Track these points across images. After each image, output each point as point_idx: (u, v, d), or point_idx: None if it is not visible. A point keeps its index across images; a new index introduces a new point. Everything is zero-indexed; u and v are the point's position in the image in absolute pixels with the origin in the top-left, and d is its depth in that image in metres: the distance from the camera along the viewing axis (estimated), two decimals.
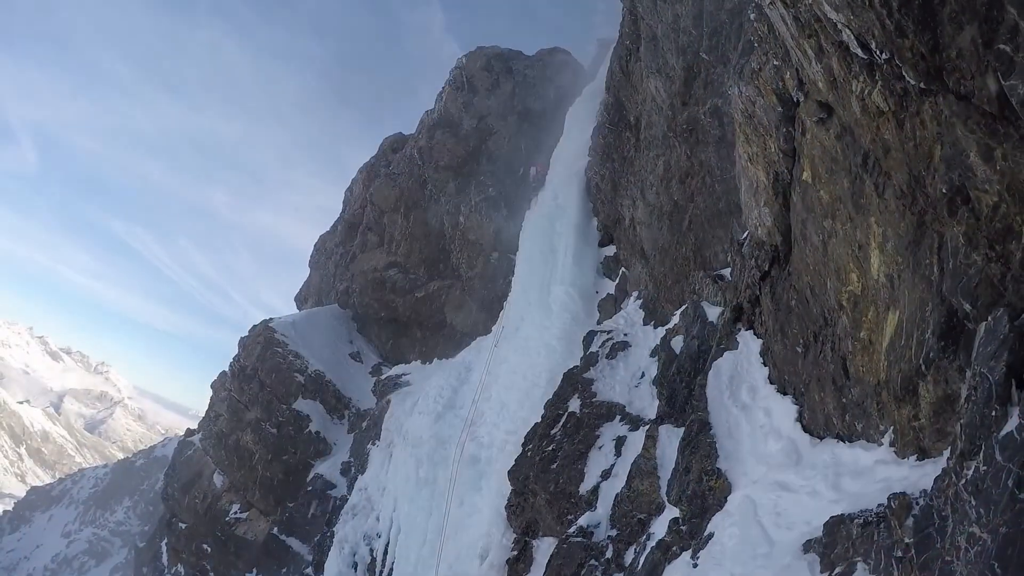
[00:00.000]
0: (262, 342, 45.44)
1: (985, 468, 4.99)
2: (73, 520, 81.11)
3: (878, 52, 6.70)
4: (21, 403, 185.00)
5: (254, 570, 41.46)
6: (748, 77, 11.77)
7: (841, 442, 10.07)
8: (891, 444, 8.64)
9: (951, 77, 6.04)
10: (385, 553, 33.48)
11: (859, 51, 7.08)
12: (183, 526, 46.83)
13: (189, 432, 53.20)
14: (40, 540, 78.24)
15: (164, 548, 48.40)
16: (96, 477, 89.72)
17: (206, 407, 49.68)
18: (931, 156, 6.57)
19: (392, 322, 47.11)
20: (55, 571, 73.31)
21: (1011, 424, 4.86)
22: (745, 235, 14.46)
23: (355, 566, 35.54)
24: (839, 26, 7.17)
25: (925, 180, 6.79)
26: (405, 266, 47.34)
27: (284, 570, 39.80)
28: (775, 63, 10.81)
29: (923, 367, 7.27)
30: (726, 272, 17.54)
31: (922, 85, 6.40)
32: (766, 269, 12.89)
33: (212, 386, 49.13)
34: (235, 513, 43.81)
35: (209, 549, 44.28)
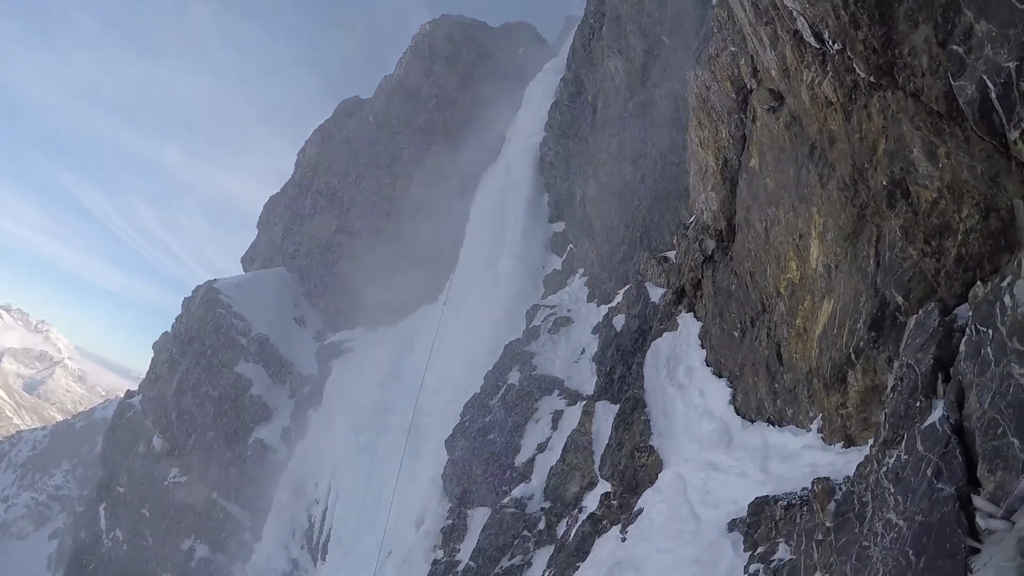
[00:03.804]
0: (206, 303, 44.61)
1: (906, 457, 5.12)
2: (11, 484, 78.97)
3: (831, 42, 6.75)
4: None
5: (192, 535, 41.01)
6: (705, 62, 11.81)
7: (771, 426, 10.28)
8: (819, 431, 8.85)
9: (901, 73, 6.10)
10: (323, 519, 33.43)
11: (812, 40, 7.13)
12: (122, 490, 46.02)
13: (129, 394, 52.06)
14: None
15: (102, 512, 47.49)
16: (34, 440, 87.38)
17: (147, 368, 48.72)
18: (875, 149, 6.66)
19: (338, 287, 46.63)
20: None
21: (934, 416, 4.97)
22: (691, 219, 14.59)
23: (294, 532, 35.43)
24: (795, 14, 7.21)
25: (867, 172, 6.89)
26: (353, 231, 46.81)
27: (223, 535, 39.45)
28: (732, 49, 10.86)
29: (853, 356, 7.43)
30: (671, 254, 17.72)
31: (872, 79, 6.47)
32: (709, 253, 13.03)
33: (154, 347, 48.14)
34: (174, 477, 43.14)
35: (148, 514, 43.63)
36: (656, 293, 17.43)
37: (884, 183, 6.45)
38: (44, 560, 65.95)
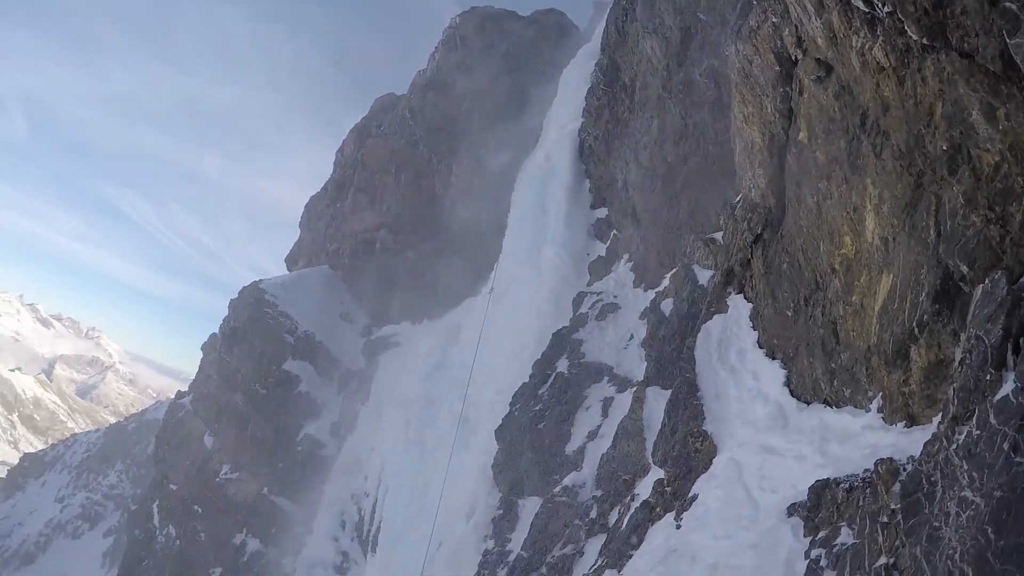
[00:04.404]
0: (252, 303, 45.20)
1: (979, 432, 4.88)
2: (66, 485, 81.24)
3: (880, 5, 6.48)
4: (12, 371, 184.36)
5: (244, 530, 41.70)
6: (746, 36, 11.50)
7: (828, 407, 10.00)
8: (879, 410, 8.57)
9: (954, 34, 5.84)
10: (373, 512, 33.74)
11: (860, 4, 6.86)
12: (174, 488, 46.98)
13: (180, 394, 53.10)
14: (34, 506, 78.47)
15: (155, 510, 48.56)
16: (88, 442, 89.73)
17: (197, 370, 49.60)
18: (932, 114, 6.39)
19: (382, 283, 46.90)
20: (49, 536, 73.58)
21: (1007, 388, 4.74)
22: (738, 198, 14.27)
23: (343, 525, 35.84)
24: None
25: (924, 138, 6.61)
26: (395, 226, 47.03)
27: (273, 530, 40.06)
28: (774, 20, 10.55)
29: (916, 330, 7.15)
30: (718, 235, 17.39)
31: (924, 41, 6.20)
32: (759, 232, 12.72)
33: (202, 348, 48.99)
34: (225, 474, 43.89)
35: (200, 510, 44.45)
36: (704, 275, 17.13)
37: (944, 148, 6.18)
38: (99, 558, 67.82)
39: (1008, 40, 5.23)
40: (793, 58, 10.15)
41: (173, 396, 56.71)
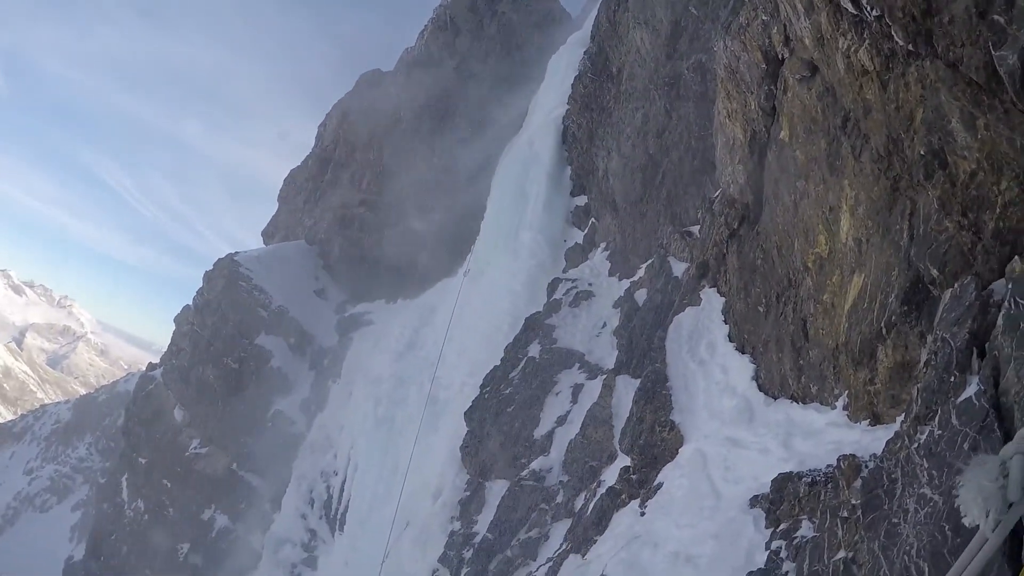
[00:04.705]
0: (226, 276, 44.80)
1: (940, 432, 5.01)
2: (35, 457, 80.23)
3: (869, 8, 6.55)
4: None
5: (212, 506, 41.51)
6: (735, 32, 11.56)
7: (795, 403, 10.17)
8: (844, 408, 8.73)
9: (941, 42, 5.92)
10: (341, 490, 33.74)
11: (849, 6, 6.93)
12: (143, 461, 46.58)
13: (151, 366, 52.52)
14: (2, 478, 77.51)
15: (124, 484, 48.18)
16: (58, 413, 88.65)
17: (169, 342, 49.13)
18: (912, 119, 6.49)
19: (359, 260, 46.71)
20: (17, 509, 72.61)
21: (970, 390, 4.87)
22: (717, 193, 14.40)
23: (312, 503, 35.79)
24: None
25: (903, 143, 6.71)
26: (375, 204, 46.77)
27: (242, 506, 39.90)
28: (763, 18, 10.61)
29: (884, 331, 7.29)
30: (695, 229, 17.52)
31: (910, 47, 6.28)
32: (735, 227, 12.85)
33: (175, 320, 48.54)
34: (195, 448, 43.59)
35: (169, 484, 44.16)
36: (679, 268, 17.27)
37: (921, 153, 6.29)
38: (67, 531, 67.21)
39: (993, 52, 5.31)
40: (780, 57, 10.23)
41: (144, 368, 56.09)
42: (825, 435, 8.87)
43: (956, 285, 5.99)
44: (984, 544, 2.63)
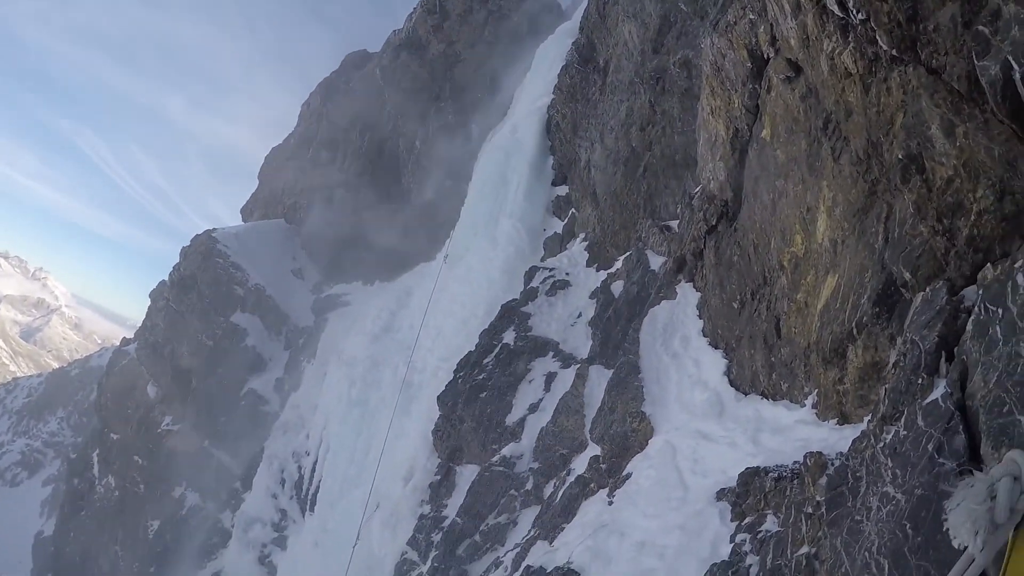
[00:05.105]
0: (204, 252, 44.43)
1: (905, 432, 5.10)
2: (6, 431, 79.34)
3: (855, 12, 6.61)
4: None
5: (183, 483, 41.32)
6: (722, 30, 11.61)
7: (765, 399, 10.30)
8: (813, 406, 8.86)
9: (924, 49, 5.98)
10: (313, 471, 33.67)
11: (836, 8, 6.99)
12: (115, 437, 46.25)
13: (125, 341, 52.05)
14: None
15: (95, 459, 47.82)
16: (30, 387, 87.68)
17: (144, 317, 48.69)
18: (892, 123, 6.56)
19: (337, 241, 46.51)
20: None
21: (937, 392, 4.95)
22: (697, 188, 14.49)
23: (283, 483, 35.70)
24: None
25: (882, 147, 6.79)
26: (356, 186, 46.54)
27: (213, 483, 39.72)
28: (751, 17, 10.67)
29: (855, 331, 7.40)
30: (674, 224, 17.64)
31: (894, 53, 6.35)
32: (713, 223, 12.96)
33: (151, 295, 48.07)
34: (167, 425, 43.34)
35: (140, 461, 43.90)
36: (656, 261, 17.37)
37: (900, 157, 6.36)
38: (37, 506, 66.65)
39: (976, 62, 5.37)
40: (765, 56, 10.29)
41: (118, 343, 55.55)
42: (793, 432, 8.99)
43: (928, 289, 6.09)
44: (971, 565, 2.72)
